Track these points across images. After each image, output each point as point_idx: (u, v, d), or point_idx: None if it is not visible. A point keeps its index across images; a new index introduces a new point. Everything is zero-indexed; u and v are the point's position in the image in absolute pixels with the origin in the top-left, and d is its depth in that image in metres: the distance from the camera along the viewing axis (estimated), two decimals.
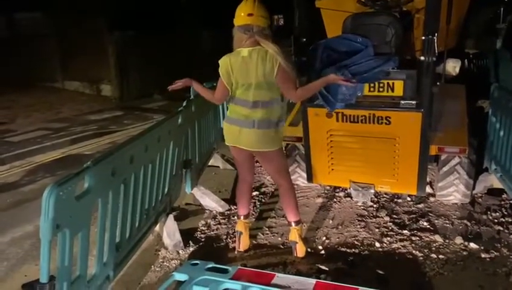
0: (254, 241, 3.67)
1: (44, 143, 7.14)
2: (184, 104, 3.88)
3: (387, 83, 3.61)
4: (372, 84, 3.66)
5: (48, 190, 1.94)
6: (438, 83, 3.57)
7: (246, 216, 3.57)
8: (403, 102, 3.55)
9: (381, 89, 3.65)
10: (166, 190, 3.54)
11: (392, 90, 3.62)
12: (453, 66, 4.58)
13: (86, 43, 11.54)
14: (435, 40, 3.20)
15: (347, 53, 3.58)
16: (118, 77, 11.44)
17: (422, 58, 3.30)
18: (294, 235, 3.42)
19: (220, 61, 3.12)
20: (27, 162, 6.11)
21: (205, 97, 3.36)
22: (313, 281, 2.90)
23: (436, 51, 3.29)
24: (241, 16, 2.98)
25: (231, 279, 2.92)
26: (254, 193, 4.62)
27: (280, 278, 2.95)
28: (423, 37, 3.26)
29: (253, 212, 4.20)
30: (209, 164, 5.25)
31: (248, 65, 3.00)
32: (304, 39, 3.63)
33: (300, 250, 3.40)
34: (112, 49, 11.17)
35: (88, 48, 11.54)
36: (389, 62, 3.51)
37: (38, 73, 13.02)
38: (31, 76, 12.91)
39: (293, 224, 3.42)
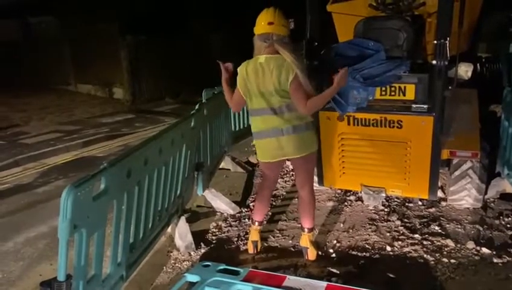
0: (265, 244, 3.69)
1: (58, 145, 7.25)
2: (196, 107, 3.92)
3: (399, 86, 3.62)
4: (383, 88, 3.67)
5: (66, 190, 1.98)
6: (450, 87, 3.56)
7: (261, 223, 3.58)
8: (414, 106, 3.55)
9: (392, 93, 3.66)
10: (178, 191, 3.58)
11: (404, 94, 3.63)
12: (465, 70, 4.56)
13: (99, 47, 11.71)
14: (447, 44, 3.21)
15: (359, 57, 3.60)
16: (130, 80, 11.57)
17: (434, 62, 3.31)
18: (305, 241, 3.44)
19: (238, 70, 3.15)
20: (40, 164, 6.21)
21: (226, 97, 3.34)
22: (324, 283, 2.91)
23: (448, 55, 3.29)
24: (262, 25, 3.01)
25: (242, 281, 2.94)
26: None
27: (291, 280, 2.96)
28: (435, 41, 3.27)
29: (265, 215, 4.21)
30: (220, 166, 5.29)
31: (265, 72, 3.02)
32: (316, 43, 3.66)
33: (311, 254, 3.42)
34: (124, 53, 11.31)
35: (101, 51, 11.70)
36: (400, 66, 3.52)
37: (51, 76, 13.24)
38: (45, 79, 13.12)
39: (306, 230, 3.43)
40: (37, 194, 5.06)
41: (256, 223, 3.54)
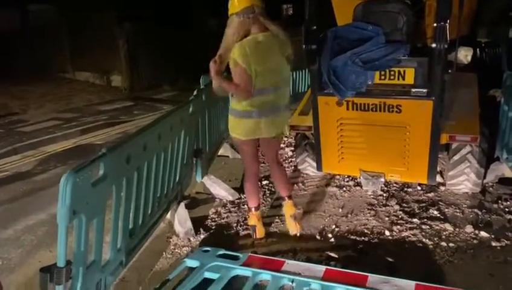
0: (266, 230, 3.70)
1: (56, 133, 7.24)
2: (195, 93, 3.90)
3: (398, 70, 3.60)
4: (382, 72, 3.64)
5: (65, 176, 1.97)
6: (449, 71, 3.54)
7: (258, 208, 3.60)
8: (413, 90, 3.53)
9: (392, 77, 3.63)
10: (177, 178, 3.58)
11: (403, 78, 3.60)
12: (464, 54, 4.54)
13: (97, 35, 11.62)
14: (447, 27, 3.17)
15: (358, 41, 3.57)
16: (128, 67, 11.51)
17: (433, 45, 3.27)
18: (292, 208, 3.60)
19: (235, 51, 2.98)
20: (39, 151, 6.20)
21: (232, 92, 3.14)
22: (323, 268, 2.92)
23: (448, 38, 3.26)
24: (240, 0, 2.98)
25: (242, 265, 2.96)
26: (264, 182, 4.65)
27: (290, 265, 2.97)
28: (435, 24, 3.24)
29: (263, 201, 4.23)
30: (219, 153, 5.28)
31: (266, 50, 3.02)
32: (314, 27, 3.62)
33: (299, 215, 3.67)
34: (122, 40, 11.23)
35: (98, 39, 11.61)
36: (400, 50, 3.49)
37: (49, 64, 13.15)
38: (43, 67, 13.03)
39: (286, 199, 3.59)
40: (36, 181, 5.06)
41: (253, 209, 3.56)
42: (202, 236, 3.62)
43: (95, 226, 2.32)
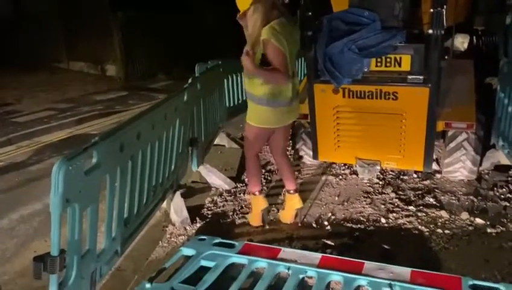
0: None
1: (51, 123, 7.18)
2: (189, 81, 3.86)
3: (395, 57, 3.58)
4: (379, 59, 3.62)
5: (57, 164, 1.95)
6: (446, 57, 3.52)
7: (261, 191, 3.63)
8: (410, 77, 3.52)
9: (388, 64, 3.61)
10: (173, 167, 3.56)
11: (400, 65, 3.58)
12: (461, 41, 4.51)
13: (90, 24, 11.50)
14: (444, 13, 3.14)
15: (354, 27, 3.53)
16: (123, 57, 11.41)
17: (430, 31, 3.25)
18: (299, 203, 3.59)
19: (265, 33, 2.91)
20: (34, 142, 6.15)
21: (271, 79, 3.04)
22: (319, 255, 2.92)
23: (445, 25, 3.23)
24: None
25: (238, 253, 2.95)
26: None
27: (286, 252, 2.97)
28: (431, 10, 3.21)
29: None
30: (215, 142, 5.26)
31: (288, 33, 3.01)
32: (310, 14, 3.58)
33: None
34: (116, 29, 11.11)
35: (92, 28, 11.50)
36: (396, 36, 3.47)
37: (43, 54, 13.01)
38: (37, 57, 12.90)
39: (292, 191, 3.56)
40: (31, 172, 5.03)
41: (257, 192, 3.56)
42: (198, 225, 3.61)
43: (89, 215, 2.30)
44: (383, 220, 3.57)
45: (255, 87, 3.13)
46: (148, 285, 2.61)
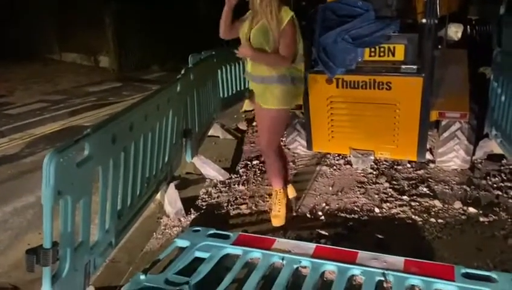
0: (254, 208, 3.71)
1: (44, 115, 7.12)
2: (182, 72, 3.83)
3: (388, 47, 3.56)
4: (372, 49, 3.61)
5: (48, 156, 1.93)
6: (439, 47, 3.52)
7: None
8: (403, 67, 3.51)
9: (382, 54, 3.60)
10: (166, 158, 3.54)
11: (393, 54, 3.57)
12: (455, 31, 4.51)
13: (83, 14, 11.36)
14: (437, 2, 3.13)
15: (347, 17, 3.52)
16: (116, 48, 11.29)
17: (424, 21, 3.24)
18: (293, 192, 3.67)
19: (287, 14, 2.96)
20: (27, 134, 6.10)
21: (277, 61, 3.05)
22: (313, 245, 2.94)
23: (438, 14, 3.22)
24: None
25: (232, 244, 2.96)
26: (255, 162, 4.64)
27: (280, 243, 2.98)
28: None
29: (254, 180, 4.23)
30: (209, 133, 5.24)
31: None
32: (304, 3, 3.57)
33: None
34: (108, 20, 10.98)
35: (85, 19, 11.36)
36: (390, 26, 3.46)
37: (35, 45, 12.87)
38: (29, 48, 12.76)
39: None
40: (24, 164, 4.99)
41: (284, 187, 3.54)
42: (193, 216, 3.61)
43: (81, 207, 2.28)
44: (377, 210, 3.59)
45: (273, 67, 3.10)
46: (142, 276, 2.61)
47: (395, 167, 4.36)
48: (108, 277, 2.84)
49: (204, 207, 3.78)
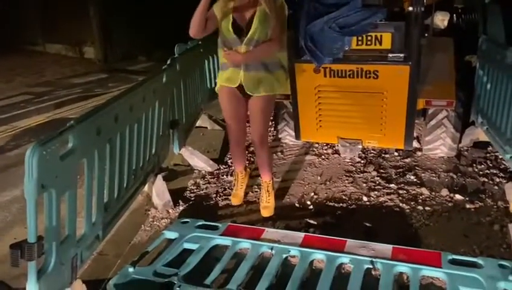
0: (244, 199, 3.69)
1: (28, 108, 6.99)
2: (168, 62, 3.78)
3: (375, 35, 3.54)
4: (359, 38, 3.58)
5: (31, 149, 1.90)
6: (426, 35, 3.51)
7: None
8: (390, 55, 3.50)
9: (369, 42, 3.58)
10: (153, 150, 3.51)
11: (380, 43, 3.56)
12: (441, 19, 4.51)
13: (67, 4, 11.13)
14: None
15: (334, 5, 3.48)
16: (101, 38, 11.10)
17: (410, 9, 3.23)
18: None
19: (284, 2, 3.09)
20: (11, 127, 6.00)
21: (273, 48, 3.12)
22: (302, 234, 2.95)
23: (425, 2, 3.22)
24: None
25: (221, 235, 2.96)
26: None
27: (269, 232, 2.99)
28: None
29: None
30: (197, 124, 5.20)
31: None
32: None
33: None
34: (93, 9, 10.78)
35: (69, 9, 11.13)
36: (377, 14, 3.42)
37: (18, 36, 12.60)
38: (11, 39, 12.49)
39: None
40: (9, 157, 4.91)
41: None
42: (181, 208, 3.59)
43: (67, 200, 2.25)
44: (365, 199, 3.61)
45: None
46: (131, 269, 2.60)
47: (383, 155, 4.38)
48: (96, 270, 2.82)
49: (192, 198, 3.76)
